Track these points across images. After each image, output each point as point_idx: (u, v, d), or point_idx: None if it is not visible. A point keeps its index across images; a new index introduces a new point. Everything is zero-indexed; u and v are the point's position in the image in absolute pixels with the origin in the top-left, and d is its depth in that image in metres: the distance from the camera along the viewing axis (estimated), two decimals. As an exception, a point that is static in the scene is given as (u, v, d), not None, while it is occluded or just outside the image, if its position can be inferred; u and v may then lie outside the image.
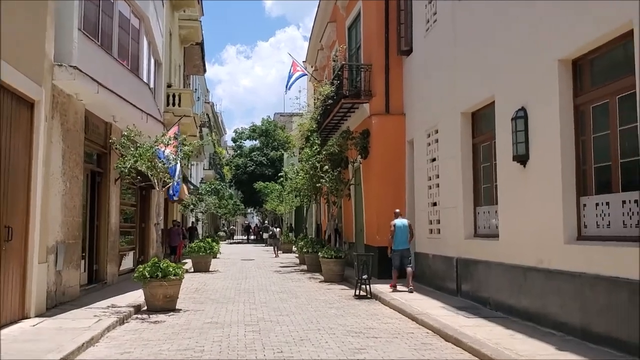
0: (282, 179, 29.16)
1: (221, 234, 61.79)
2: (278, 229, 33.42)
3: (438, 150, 13.01)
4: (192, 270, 19.69)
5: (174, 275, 10.79)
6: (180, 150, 11.53)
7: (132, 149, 10.69)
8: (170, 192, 15.60)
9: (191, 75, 36.10)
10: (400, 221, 13.18)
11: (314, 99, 22.89)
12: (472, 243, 11.24)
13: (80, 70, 10.24)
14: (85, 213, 12.57)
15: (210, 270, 19.83)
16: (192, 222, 24.39)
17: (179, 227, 22.85)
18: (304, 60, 30.66)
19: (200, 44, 29.87)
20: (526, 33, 8.94)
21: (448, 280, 12.17)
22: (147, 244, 18.17)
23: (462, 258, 11.52)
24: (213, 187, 27.12)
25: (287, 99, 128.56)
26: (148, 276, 10.59)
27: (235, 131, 57.24)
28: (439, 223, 12.99)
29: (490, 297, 10.12)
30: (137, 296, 11.62)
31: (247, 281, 16.42)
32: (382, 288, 12.99)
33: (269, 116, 56.04)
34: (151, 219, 18.57)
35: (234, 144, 58.65)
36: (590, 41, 7.39)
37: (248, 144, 56.47)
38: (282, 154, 46.83)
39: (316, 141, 19.40)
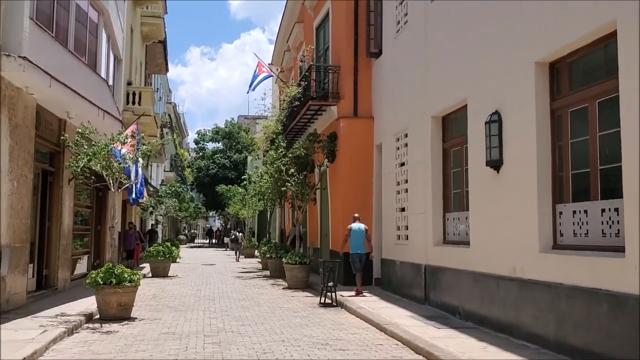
0: (245, 182, 28.58)
1: (182, 237, 60.71)
2: (240, 234, 33.20)
3: (407, 155, 12.70)
4: (150, 275, 18.97)
5: (129, 281, 10.16)
6: (138, 149, 10.90)
7: (86, 147, 10.01)
8: (133, 195, 14.76)
9: (153, 74, 35.19)
10: (356, 225, 13.28)
11: (280, 101, 22.45)
12: (441, 250, 10.94)
13: (31, 62, 9.55)
14: (35, 215, 11.83)
15: (169, 275, 19.12)
16: (152, 224, 23.47)
17: (134, 229, 21.81)
18: (270, 62, 30.12)
19: (163, 42, 29.02)
20: (502, 35, 8.69)
21: (416, 288, 11.85)
22: (103, 247, 17.37)
23: (431, 265, 11.22)
24: (173, 189, 26.23)
25: (251, 101, 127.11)
26: (101, 282, 9.94)
27: (198, 133, 56.34)
28: (407, 229, 12.67)
29: (460, 306, 9.82)
30: (89, 303, 10.94)
31: (207, 287, 15.81)
32: (348, 295, 12.59)
33: (232, 118, 55.49)
34: (107, 222, 17.77)
35: (196, 146, 57.67)
36: (569, 43, 7.15)
37: (211, 146, 55.65)
38: (246, 157, 46.17)
39: (281, 144, 18.93)
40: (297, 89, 17.21)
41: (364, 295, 12.67)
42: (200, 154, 55.07)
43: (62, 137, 10.04)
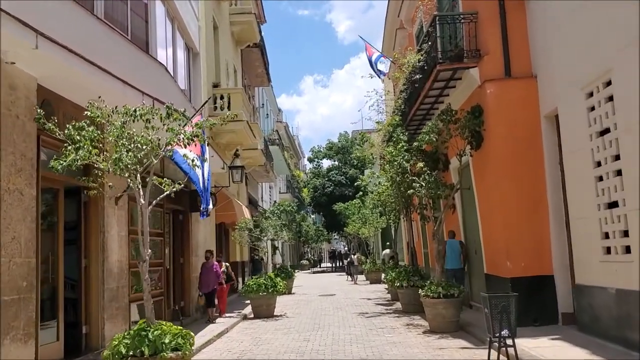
0: (361, 192, 24.41)
1: (304, 262, 57.51)
2: (355, 256, 31.80)
3: (614, 114, 7.73)
4: (252, 316, 15.12)
5: (174, 350, 6.17)
6: (193, 130, 6.93)
7: (74, 132, 6.13)
8: (203, 206, 10.79)
9: (256, 88, 32.29)
10: (451, 240, 13.34)
11: (394, 83, 18.08)
12: None
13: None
14: (57, 248, 8.29)
15: (274, 315, 15.14)
16: (255, 250, 19.35)
17: (214, 261, 14.01)
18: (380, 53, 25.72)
19: (260, 46, 25.83)
20: None
21: (662, 336, 6.79)
22: (188, 286, 13.82)
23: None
24: (282, 208, 22.45)
25: (363, 114, 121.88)
26: (127, 354, 6.04)
27: (312, 150, 53.10)
28: (626, 235, 7.63)
29: None
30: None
31: (319, 335, 11.55)
32: (533, 348, 7.79)
33: (345, 131, 51.58)
34: (192, 251, 14.25)
35: (310, 165, 54.63)
36: None
37: (326, 164, 52.27)
38: (363, 171, 42.10)
39: (401, 137, 14.44)
40: (417, 55, 12.69)
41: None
42: (316, 171, 51.82)
43: (36, 116, 6.29)
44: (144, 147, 6.20)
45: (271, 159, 31.12)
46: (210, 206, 10.06)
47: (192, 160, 7.32)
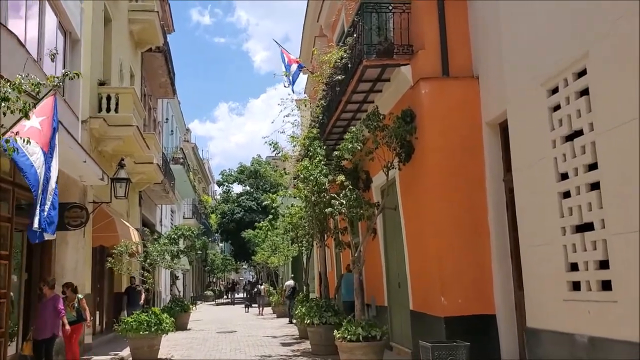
0: (270, 215, 22.28)
1: (208, 293, 54.15)
2: (262, 286, 30.92)
3: (590, 112, 6.06)
4: (131, 359, 12.42)
5: None
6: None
7: None
8: (36, 223, 7.43)
9: (160, 100, 29.54)
10: (347, 273, 13.02)
11: (312, 99, 16.23)
12: None
13: None
14: None
15: (158, 358, 12.51)
16: (132, 280, 15.96)
17: (49, 291, 9.63)
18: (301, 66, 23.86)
19: (164, 51, 23.31)
20: None
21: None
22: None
23: None
24: (180, 232, 19.71)
25: (277, 126, 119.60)
26: None
27: (222, 173, 50.20)
28: (601, 267, 5.92)
29: None
30: None
31: (206, 387, 9.16)
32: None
33: (259, 155, 49.24)
34: (55, 280, 11.40)
35: (219, 188, 51.79)
36: None
37: (238, 189, 49.56)
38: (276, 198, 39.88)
39: (318, 150, 12.43)
40: (339, 51, 10.84)
41: None
42: (225, 196, 48.96)
43: None
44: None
45: (173, 178, 28.32)
46: (53, 228, 7.24)
47: (7, 142, 4.89)
